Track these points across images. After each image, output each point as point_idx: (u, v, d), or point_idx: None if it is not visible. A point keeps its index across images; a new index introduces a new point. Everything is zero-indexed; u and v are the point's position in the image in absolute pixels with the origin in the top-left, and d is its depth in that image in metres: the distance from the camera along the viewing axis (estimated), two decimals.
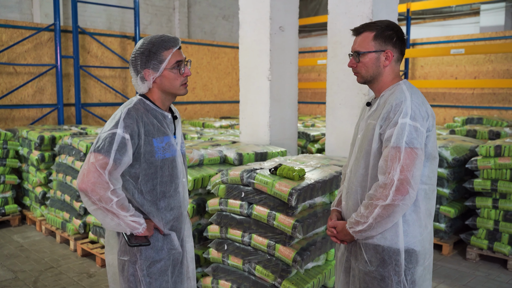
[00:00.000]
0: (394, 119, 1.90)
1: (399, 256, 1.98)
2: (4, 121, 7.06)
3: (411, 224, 1.98)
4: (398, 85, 2.04)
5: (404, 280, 1.99)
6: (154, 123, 2.02)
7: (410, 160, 1.85)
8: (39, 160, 5.55)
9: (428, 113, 1.96)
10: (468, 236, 4.71)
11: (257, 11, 4.60)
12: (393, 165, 1.85)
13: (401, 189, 1.84)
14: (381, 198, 1.87)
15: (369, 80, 2.08)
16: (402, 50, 2.08)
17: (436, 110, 9.17)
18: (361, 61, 2.05)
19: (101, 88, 8.22)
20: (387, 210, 1.87)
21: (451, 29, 10.31)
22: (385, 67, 2.04)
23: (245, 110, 4.84)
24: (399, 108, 1.91)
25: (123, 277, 2.05)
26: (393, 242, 1.98)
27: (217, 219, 3.40)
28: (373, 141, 1.99)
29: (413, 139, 1.87)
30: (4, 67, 7.02)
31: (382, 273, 2.00)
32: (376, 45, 2.02)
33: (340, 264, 2.24)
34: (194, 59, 9.76)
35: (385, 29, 2.02)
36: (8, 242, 5.17)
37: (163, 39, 2.04)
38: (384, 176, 1.88)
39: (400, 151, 1.85)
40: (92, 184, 1.85)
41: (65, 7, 8.90)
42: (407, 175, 1.84)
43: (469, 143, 5.19)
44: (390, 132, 1.90)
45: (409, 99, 1.93)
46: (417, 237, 2.00)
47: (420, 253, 2.01)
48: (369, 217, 1.92)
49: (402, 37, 2.06)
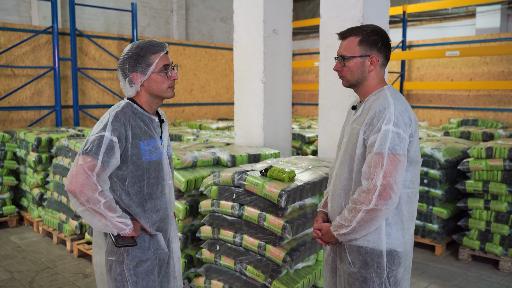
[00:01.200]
0: (377, 126, 1.94)
1: (381, 258, 2.02)
2: (3, 123, 7.11)
3: (394, 227, 2.02)
4: (382, 91, 2.07)
5: (387, 282, 2.03)
6: (141, 126, 2.07)
7: (392, 166, 1.89)
8: (36, 162, 5.60)
9: (411, 119, 1.99)
10: (461, 237, 4.76)
11: (251, 14, 4.65)
12: (376, 170, 1.89)
13: (384, 194, 1.88)
14: (364, 203, 1.91)
15: (354, 84, 2.11)
16: (387, 55, 2.10)
17: (432, 112, 9.21)
18: (346, 65, 2.08)
19: (99, 90, 8.27)
20: (370, 214, 1.91)
21: (447, 31, 10.36)
22: (370, 71, 2.07)
23: (239, 112, 4.89)
24: (383, 115, 1.94)
25: (110, 277, 2.10)
26: (375, 244, 2.02)
27: (210, 220, 3.44)
28: (357, 146, 2.02)
29: (395, 145, 1.90)
30: (2, 69, 7.07)
31: (364, 275, 2.04)
32: (361, 50, 2.05)
33: (327, 264, 2.28)
34: (191, 61, 9.81)
35: (370, 34, 2.04)
36: (5, 243, 5.21)
37: (151, 44, 2.09)
38: (368, 181, 1.92)
39: (383, 157, 1.89)
40: (81, 186, 1.90)
41: (63, 9, 8.97)
42: (389, 181, 1.88)
43: (462, 145, 5.24)
44: (373, 138, 1.93)
45: (392, 105, 1.96)
46: (400, 240, 2.04)
47: (402, 254, 2.05)
48: (352, 221, 1.95)
49: (387, 42, 2.09)
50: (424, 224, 4.96)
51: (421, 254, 4.89)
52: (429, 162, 4.86)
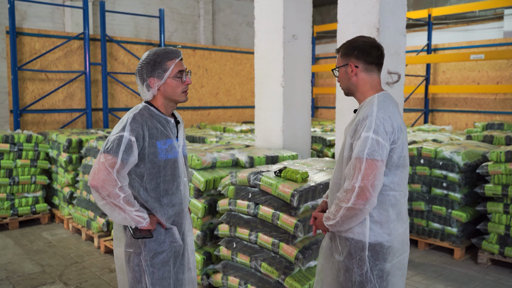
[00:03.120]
0: (359, 132, 2.11)
1: (363, 252, 2.18)
2: (37, 125, 7.48)
3: (379, 225, 2.18)
4: (372, 98, 2.21)
5: (370, 274, 2.18)
6: (158, 127, 2.24)
7: (370, 170, 2.05)
8: (67, 162, 5.88)
9: (393, 127, 2.12)
10: (480, 240, 4.75)
11: (271, 20, 4.79)
12: (355, 173, 2.07)
13: (361, 195, 2.05)
14: (344, 201, 2.10)
15: (346, 92, 2.31)
16: (368, 59, 2.22)
17: (457, 116, 9.13)
18: (338, 76, 2.31)
19: (127, 93, 8.57)
20: (349, 212, 2.10)
21: (474, 34, 10.24)
22: (352, 78, 2.24)
23: (259, 116, 5.02)
24: (365, 122, 2.11)
25: (129, 267, 2.27)
26: (360, 237, 2.18)
27: (227, 218, 3.59)
28: (345, 149, 2.21)
29: (374, 151, 2.05)
30: (37, 74, 7.44)
31: (348, 264, 2.21)
32: (342, 60, 2.27)
33: (323, 250, 2.45)
34: (217, 65, 10.02)
35: (348, 45, 2.25)
36: (37, 239, 5.50)
37: (167, 51, 2.26)
38: (348, 182, 2.10)
39: (361, 162, 2.06)
40: (102, 181, 2.07)
41: (94, 16, 9.33)
42: (366, 184, 2.05)
43: (483, 149, 5.22)
44: (355, 144, 2.12)
45: (375, 114, 2.11)
46: (385, 237, 2.19)
47: (388, 250, 2.19)
48: (336, 215, 2.15)
49: (366, 49, 2.21)
50: (443, 227, 4.97)
51: (439, 257, 4.91)
52: (448, 165, 4.88)
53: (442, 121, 9.44)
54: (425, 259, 4.86)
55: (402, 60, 4.21)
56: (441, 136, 6.57)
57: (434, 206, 5.03)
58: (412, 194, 5.17)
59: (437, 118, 9.54)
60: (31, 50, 7.38)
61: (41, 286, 4.15)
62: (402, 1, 4.15)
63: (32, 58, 7.34)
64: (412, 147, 5.17)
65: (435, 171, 5.00)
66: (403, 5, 4.16)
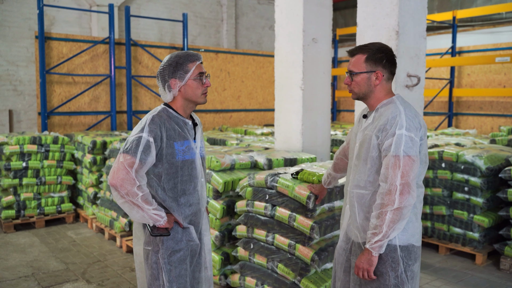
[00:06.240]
0: (391, 131, 2.11)
1: (395, 253, 2.16)
2: (63, 126, 7.69)
3: (410, 223, 2.18)
4: (392, 100, 2.24)
5: (404, 276, 2.16)
6: (176, 128, 2.31)
7: (408, 167, 2.07)
8: (91, 163, 6.04)
9: (420, 124, 2.17)
10: (502, 246, 4.67)
11: (291, 24, 4.83)
12: (394, 172, 2.07)
13: (404, 192, 2.05)
14: (389, 204, 2.07)
15: (361, 97, 2.29)
16: (392, 70, 2.27)
17: (482, 119, 8.97)
18: (354, 80, 2.26)
19: (151, 96, 8.73)
20: (396, 214, 2.06)
21: (501, 36, 10.05)
22: (375, 86, 2.24)
23: (279, 118, 5.06)
24: (395, 121, 2.12)
25: (147, 265, 2.34)
26: (390, 240, 2.15)
27: (244, 219, 3.64)
28: (371, 149, 2.19)
29: (409, 148, 2.08)
30: (64, 77, 7.66)
31: (380, 269, 2.18)
32: (367, 66, 2.22)
33: (339, 265, 2.42)
34: (239, 68, 10.11)
35: (376, 52, 2.22)
36: (62, 237, 5.66)
37: (188, 54, 2.34)
38: (386, 183, 2.08)
39: (399, 159, 2.06)
40: (121, 180, 2.15)
41: (120, 21, 9.54)
42: (407, 180, 2.06)
43: (507, 153, 5.13)
44: (388, 142, 2.10)
45: (403, 113, 2.14)
46: (416, 236, 2.20)
47: (418, 249, 2.21)
48: (383, 226, 2.08)
49: (392, 59, 2.25)
50: (464, 232, 4.91)
51: (461, 262, 4.84)
52: (470, 169, 4.81)
53: (467, 124, 9.29)
54: (446, 264, 4.80)
55: (422, 63, 4.19)
56: (464, 140, 6.47)
57: (455, 211, 4.96)
58: (433, 198, 5.12)
59: (461, 122, 9.40)
60: (59, 54, 7.60)
61: (64, 283, 4.28)
62: (423, 4, 4.14)
63: (59, 62, 7.57)
64: (434, 151, 5.12)
65: (456, 175, 4.94)
66: (423, 7, 4.14)
